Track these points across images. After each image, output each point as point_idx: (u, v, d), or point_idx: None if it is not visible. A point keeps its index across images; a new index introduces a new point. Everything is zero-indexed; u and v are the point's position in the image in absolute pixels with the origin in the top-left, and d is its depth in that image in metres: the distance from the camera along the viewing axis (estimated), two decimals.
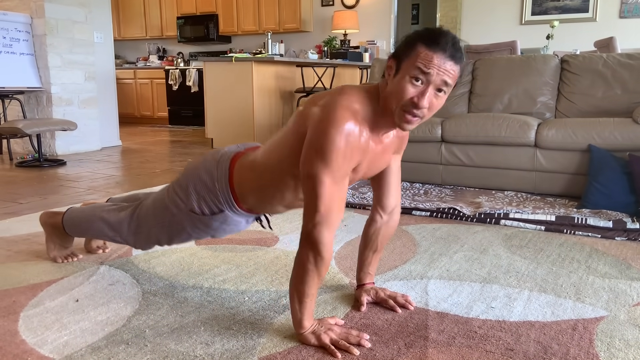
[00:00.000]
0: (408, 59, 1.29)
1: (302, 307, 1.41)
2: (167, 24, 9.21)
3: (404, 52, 1.30)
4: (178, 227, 1.67)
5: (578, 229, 2.51)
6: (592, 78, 3.52)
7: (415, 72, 1.28)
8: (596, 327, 1.54)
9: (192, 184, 1.62)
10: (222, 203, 1.59)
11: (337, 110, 1.30)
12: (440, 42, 1.27)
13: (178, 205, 1.64)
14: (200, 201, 1.60)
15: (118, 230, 1.83)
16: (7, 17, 5.00)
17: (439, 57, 1.27)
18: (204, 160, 1.64)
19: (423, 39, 1.28)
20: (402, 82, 1.30)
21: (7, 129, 4.39)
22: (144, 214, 1.76)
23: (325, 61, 6.33)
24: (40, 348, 1.43)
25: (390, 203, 1.67)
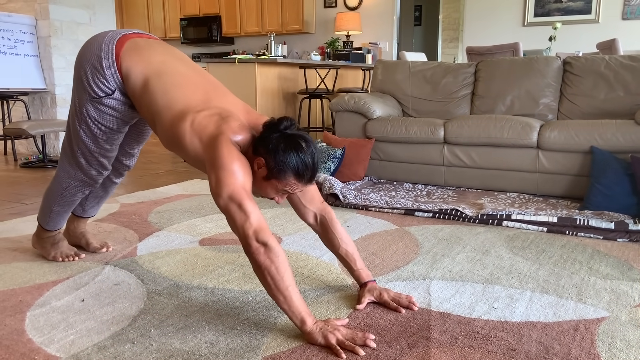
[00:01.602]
0: (278, 180, 1.52)
1: (293, 304, 1.43)
2: (171, 25, 9.24)
3: (276, 172, 1.51)
4: (90, 124, 1.83)
5: (580, 230, 2.52)
6: (595, 80, 3.53)
7: (282, 191, 1.56)
8: (598, 328, 1.55)
9: (82, 69, 1.77)
10: (109, 81, 1.74)
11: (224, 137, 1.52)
12: (310, 178, 1.54)
13: (80, 101, 1.81)
14: (91, 83, 1.75)
15: (65, 176, 1.99)
16: (11, 18, 5.03)
17: (304, 186, 1.56)
18: (89, 44, 1.78)
19: (294, 173, 1.51)
20: (268, 189, 1.56)
21: (12, 130, 4.41)
22: (67, 141, 1.93)
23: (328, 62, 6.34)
24: (47, 347, 1.44)
25: (308, 216, 1.78)
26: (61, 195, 2.03)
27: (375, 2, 7.63)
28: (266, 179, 1.53)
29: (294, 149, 1.50)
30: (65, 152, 1.97)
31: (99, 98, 1.77)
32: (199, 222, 2.72)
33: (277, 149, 1.50)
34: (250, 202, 1.45)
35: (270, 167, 1.51)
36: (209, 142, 1.54)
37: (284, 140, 1.51)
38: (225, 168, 1.47)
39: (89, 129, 1.85)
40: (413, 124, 3.57)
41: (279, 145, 1.50)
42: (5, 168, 4.56)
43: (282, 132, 1.53)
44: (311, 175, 1.54)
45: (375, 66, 4.31)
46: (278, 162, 1.50)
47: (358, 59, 7.07)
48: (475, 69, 3.95)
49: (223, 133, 1.53)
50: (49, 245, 2.16)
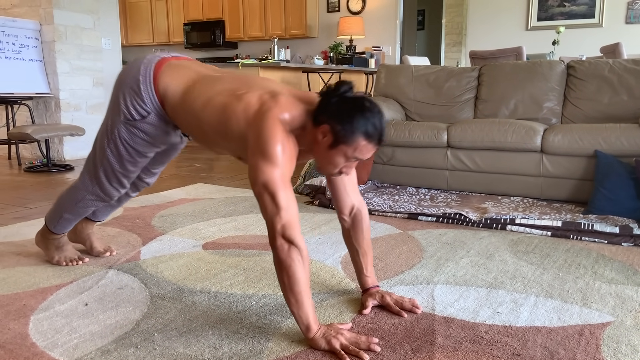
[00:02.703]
0: (346, 145, 1.44)
1: (303, 309, 1.42)
2: (174, 30, 9.27)
3: (343, 135, 1.43)
4: (119, 145, 1.81)
5: (584, 234, 2.51)
6: (598, 84, 3.53)
7: (351, 157, 1.47)
8: (603, 333, 1.54)
9: (120, 92, 1.75)
10: (146, 104, 1.71)
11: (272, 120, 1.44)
12: (380, 139, 1.47)
13: (114, 122, 1.78)
14: (128, 106, 1.73)
15: (82, 188, 1.97)
16: (16, 23, 5.05)
17: (375, 148, 1.48)
18: (129, 68, 1.76)
19: (364, 133, 1.44)
20: (337, 158, 1.48)
21: (16, 135, 4.43)
22: (92, 156, 1.92)
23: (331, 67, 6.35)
24: (50, 351, 1.44)
25: (345, 204, 1.73)
26: (75, 206, 2.02)
27: (378, 6, 7.65)
28: (333, 146, 1.45)
29: (359, 109, 1.43)
30: (87, 167, 1.95)
31: (133, 121, 1.75)
32: (202, 226, 2.72)
33: (341, 112, 1.43)
34: (285, 193, 1.40)
35: (337, 131, 1.43)
36: (254, 121, 1.47)
37: (347, 102, 1.45)
38: (265, 153, 1.41)
39: (117, 150, 1.83)
40: (416, 128, 3.57)
41: (343, 108, 1.44)
42: (10, 172, 4.57)
43: (343, 96, 1.46)
44: (380, 135, 1.46)
45: (378, 70, 4.31)
46: (345, 124, 1.42)
47: (361, 63, 7.08)
48: (478, 73, 3.95)
49: (270, 110, 1.46)
50: (53, 248, 2.16)
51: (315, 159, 1.52)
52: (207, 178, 4.22)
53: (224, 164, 5.01)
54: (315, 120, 1.47)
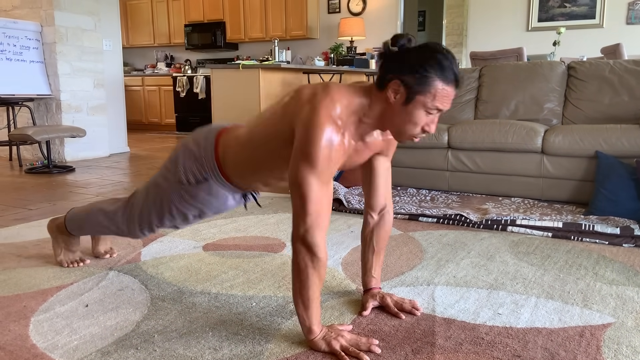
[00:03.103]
0: (423, 94, 1.33)
1: (308, 313, 1.42)
2: (175, 32, 9.28)
3: (417, 84, 1.32)
4: (166, 201, 1.74)
5: (585, 235, 2.51)
6: (599, 84, 3.52)
7: (432, 108, 1.35)
8: (603, 334, 1.54)
9: (181, 155, 1.70)
10: (206, 171, 1.65)
11: (320, 117, 1.34)
12: (455, 77, 1.35)
13: (167, 178, 1.72)
14: (186, 171, 1.68)
15: (113, 219, 1.90)
16: (17, 25, 5.06)
17: (453, 92, 1.36)
18: (193, 134, 1.73)
19: (439, 75, 1.32)
20: (416, 113, 1.36)
21: (17, 136, 4.43)
22: (137, 198, 1.85)
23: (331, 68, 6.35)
24: (50, 352, 1.44)
25: (378, 203, 1.70)
26: (96, 226, 1.98)
27: (378, 7, 7.65)
28: (408, 101, 1.34)
29: (427, 52, 1.33)
30: (125, 203, 1.89)
31: (188, 185, 1.68)
32: (202, 228, 2.72)
33: (408, 60, 1.33)
34: (317, 197, 1.35)
35: (409, 82, 1.32)
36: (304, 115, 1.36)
37: (411, 50, 1.34)
38: (306, 153, 1.33)
39: (161, 207, 1.76)
40: None
41: (409, 56, 1.33)
42: (11, 173, 4.58)
43: (404, 47, 1.36)
44: (455, 74, 1.34)
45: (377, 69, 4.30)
46: (416, 71, 1.31)
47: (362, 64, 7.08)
48: (479, 74, 3.95)
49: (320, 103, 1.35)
50: (63, 245, 2.14)
51: (391, 126, 1.41)
52: None
53: None
54: (380, 83, 1.38)
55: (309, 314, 1.42)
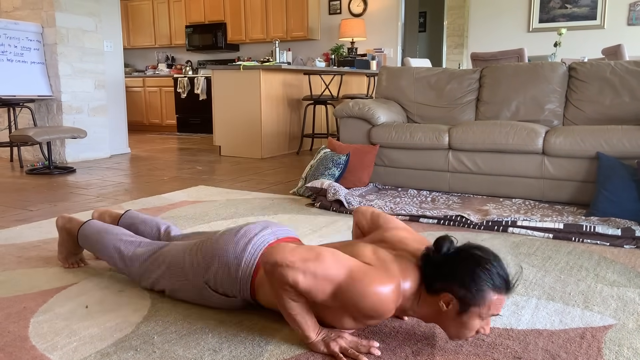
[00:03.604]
0: (478, 306, 1.32)
1: (298, 325, 1.43)
2: (176, 33, 9.28)
3: (471, 298, 1.31)
4: (186, 290, 1.70)
5: (586, 236, 2.50)
6: (600, 85, 3.52)
7: (486, 316, 1.34)
8: (604, 336, 1.53)
9: (216, 261, 1.62)
10: (238, 291, 1.60)
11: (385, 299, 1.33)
12: (507, 284, 1.34)
13: (195, 272, 1.67)
14: (216, 280, 1.62)
15: (129, 264, 1.86)
16: (18, 26, 5.07)
17: (505, 297, 1.35)
18: (236, 241, 1.62)
19: (492, 287, 1.31)
20: (471, 322, 1.34)
21: (18, 137, 4.44)
22: (159, 262, 1.78)
23: (332, 69, 6.35)
24: (50, 354, 1.44)
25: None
26: (103, 256, 1.95)
27: (379, 8, 7.65)
28: (462, 312, 1.33)
29: (475, 263, 1.32)
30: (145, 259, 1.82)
31: (214, 291, 1.64)
32: (203, 229, 2.72)
33: (459, 273, 1.32)
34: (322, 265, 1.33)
35: (462, 296, 1.31)
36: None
37: (460, 260, 1.34)
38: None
39: (179, 287, 1.72)
40: (418, 130, 3.57)
41: (457, 268, 1.33)
42: (11, 174, 4.58)
43: (449, 255, 1.36)
44: (507, 282, 1.34)
45: (379, 72, 4.31)
46: (468, 286, 1.30)
47: (362, 65, 7.08)
48: (480, 75, 3.95)
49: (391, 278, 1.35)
50: (69, 247, 2.13)
51: (444, 328, 1.40)
52: (209, 180, 4.22)
53: (225, 167, 5.01)
54: (429, 288, 1.37)
55: (298, 325, 1.43)
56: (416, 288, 1.39)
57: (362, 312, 1.35)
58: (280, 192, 3.71)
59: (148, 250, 1.84)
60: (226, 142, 5.83)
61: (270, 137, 5.70)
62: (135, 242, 1.90)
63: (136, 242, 1.89)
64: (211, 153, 6.09)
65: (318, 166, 3.55)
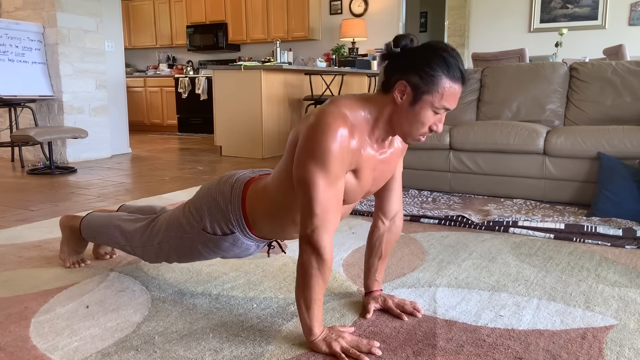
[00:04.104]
0: (430, 93, 1.31)
1: (310, 314, 1.41)
2: (177, 33, 9.29)
3: (424, 83, 1.31)
4: (189, 244, 1.69)
5: (587, 237, 2.50)
6: (602, 86, 3.51)
7: (439, 107, 1.33)
8: (606, 336, 1.53)
9: (206, 205, 1.63)
10: (233, 225, 1.60)
11: (326, 116, 1.33)
12: (462, 75, 1.33)
13: (191, 224, 1.66)
14: (212, 221, 1.62)
15: (130, 239, 1.85)
16: (19, 26, 5.07)
17: (460, 90, 1.34)
18: (219, 183, 1.65)
19: (445, 73, 1.30)
20: (424, 113, 1.34)
21: (19, 137, 4.44)
22: (157, 228, 1.78)
23: (333, 69, 6.35)
24: (51, 354, 1.44)
25: (391, 209, 1.68)
26: (107, 242, 1.96)
27: (380, 8, 7.65)
28: (415, 101, 1.32)
29: (431, 51, 1.30)
30: (144, 228, 1.82)
31: (212, 235, 1.63)
32: None
33: (413, 60, 1.31)
34: (326, 196, 1.32)
35: (415, 82, 1.30)
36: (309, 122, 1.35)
37: (417, 50, 1.32)
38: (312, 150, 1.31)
39: (182, 248, 1.71)
40: None
41: (413, 56, 1.31)
42: (12, 174, 4.58)
43: (408, 48, 1.34)
44: (462, 71, 1.32)
45: (380, 72, 4.30)
46: (422, 70, 1.29)
47: (363, 66, 7.08)
48: (481, 75, 3.94)
49: (326, 107, 1.35)
50: (72, 245, 2.13)
51: (399, 127, 1.38)
52: (210, 180, 4.22)
53: (226, 167, 5.01)
54: (386, 86, 1.37)
55: (310, 314, 1.41)
56: (380, 111, 1.38)
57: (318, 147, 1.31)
58: None
59: (146, 222, 1.86)
60: (227, 142, 5.83)
61: (271, 137, 5.70)
62: (134, 218, 1.92)
63: (134, 219, 1.92)
64: (212, 153, 6.09)
65: None
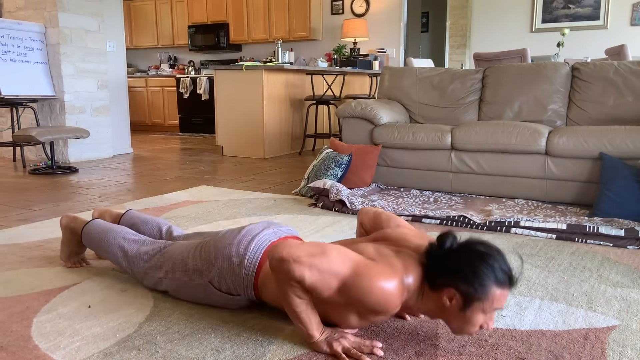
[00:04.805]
0: (481, 301, 1.32)
1: (302, 322, 1.42)
2: (179, 33, 9.29)
3: (474, 293, 1.31)
4: (191, 289, 1.70)
5: (589, 237, 2.49)
6: (603, 86, 3.51)
7: (489, 311, 1.34)
8: (608, 337, 1.53)
9: (219, 260, 1.63)
10: (241, 288, 1.60)
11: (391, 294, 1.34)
12: (510, 279, 1.34)
13: (199, 272, 1.67)
14: (221, 278, 1.62)
15: (132, 263, 1.86)
16: (21, 26, 5.08)
17: (508, 292, 1.35)
18: (238, 241, 1.62)
19: (495, 282, 1.31)
20: (474, 317, 1.34)
21: (21, 137, 4.44)
22: (162, 262, 1.78)
23: (335, 69, 6.35)
24: (53, 353, 1.44)
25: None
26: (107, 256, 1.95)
27: (382, 8, 7.65)
28: (465, 307, 1.33)
29: (478, 258, 1.32)
30: (149, 258, 1.82)
31: (217, 290, 1.64)
32: (205, 228, 2.72)
33: (460, 267, 1.32)
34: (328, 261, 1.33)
35: (465, 292, 1.31)
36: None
37: (462, 255, 1.34)
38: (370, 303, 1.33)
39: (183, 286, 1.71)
40: (420, 130, 3.56)
41: (460, 263, 1.33)
42: (14, 174, 4.59)
43: (452, 250, 1.36)
44: (510, 276, 1.33)
45: (382, 72, 4.30)
46: (471, 281, 1.30)
47: (365, 66, 7.08)
48: (482, 75, 3.94)
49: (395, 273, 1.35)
50: (72, 246, 2.13)
51: (449, 323, 1.39)
52: (211, 180, 4.23)
53: (227, 167, 5.01)
54: (432, 284, 1.36)
55: (302, 323, 1.42)
56: (419, 284, 1.39)
57: (367, 308, 1.34)
58: (282, 192, 3.70)
59: (152, 249, 1.84)
60: (228, 142, 5.83)
61: (272, 137, 5.70)
62: (139, 240, 1.90)
63: (140, 241, 1.89)
64: (213, 153, 6.09)
65: (320, 166, 3.55)
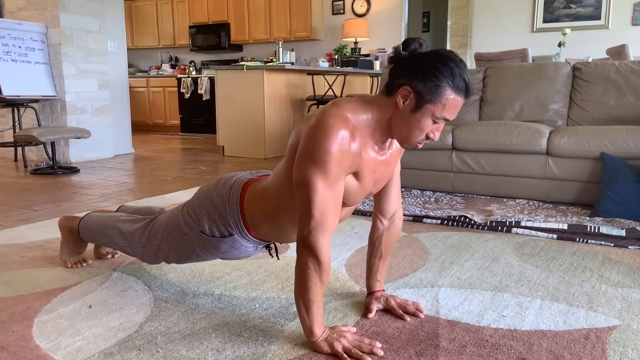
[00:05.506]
0: (433, 103, 1.31)
1: (309, 315, 1.41)
2: (180, 33, 9.30)
3: (428, 92, 1.30)
4: (188, 246, 1.69)
5: (590, 237, 2.49)
6: (605, 85, 3.51)
7: (439, 117, 1.33)
8: (609, 337, 1.53)
9: (204, 207, 1.64)
10: (232, 227, 1.60)
11: (327, 118, 1.33)
12: (466, 88, 1.32)
13: (190, 226, 1.67)
14: (211, 223, 1.62)
15: (129, 240, 1.85)
16: (22, 26, 5.08)
17: (462, 102, 1.34)
18: (217, 185, 1.65)
19: (451, 84, 1.30)
20: (424, 120, 1.34)
21: (22, 137, 4.45)
22: (156, 229, 1.78)
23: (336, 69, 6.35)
24: (54, 353, 1.44)
25: (389, 208, 1.68)
26: (106, 243, 1.95)
27: (383, 8, 7.65)
28: (417, 108, 1.32)
29: (439, 60, 1.29)
30: (143, 229, 1.82)
31: (211, 237, 1.63)
32: None
33: (421, 67, 1.29)
34: (324, 198, 1.32)
35: (419, 89, 1.29)
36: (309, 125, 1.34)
37: (424, 55, 1.31)
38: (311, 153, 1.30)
39: (181, 248, 1.71)
40: None
41: (422, 62, 1.30)
42: (16, 174, 4.59)
43: (416, 53, 1.33)
44: (467, 83, 1.31)
45: (383, 72, 4.30)
46: (427, 79, 1.28)
47: (366, 66, 7.08)
48: (483, 75, 3.94)
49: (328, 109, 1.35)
50: (71, 246, 2.13)
51: (398, 131, 1.38)
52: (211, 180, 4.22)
53: (228, 167, 5.01)
54: (389, 89, 1.36)
55: (310, 316, 1.41)
56: (382, 114, 1.38)
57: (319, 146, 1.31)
58: None
59: (144, 223, 1.85)
60: (229, 142, 5.83)
61: (273, 137, 5.70)
62: (132, 219, 1.92)
63: (133, 219, 1.91)
64: (214, 153, 6.09)
65: None
